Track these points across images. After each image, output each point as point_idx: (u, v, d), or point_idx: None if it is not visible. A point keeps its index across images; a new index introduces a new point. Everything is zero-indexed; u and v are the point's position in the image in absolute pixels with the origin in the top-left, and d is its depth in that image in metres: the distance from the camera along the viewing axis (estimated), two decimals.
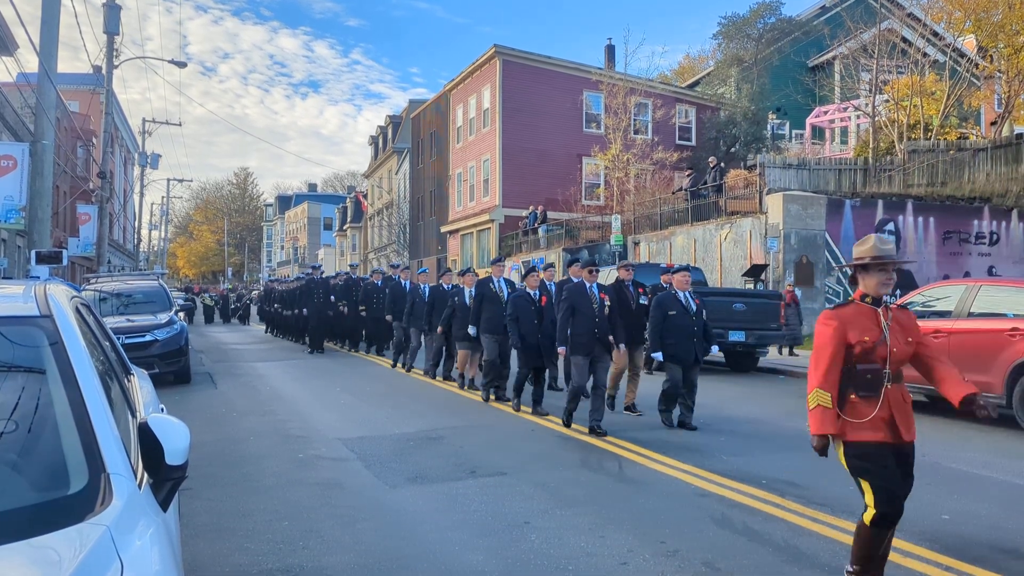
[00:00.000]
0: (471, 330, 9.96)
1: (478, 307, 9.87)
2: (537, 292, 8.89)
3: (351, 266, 19.65)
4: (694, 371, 8.11)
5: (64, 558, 1.68)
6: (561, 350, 7.82)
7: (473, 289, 10.46)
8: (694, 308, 8.13)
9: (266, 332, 25.20)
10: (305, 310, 17.73)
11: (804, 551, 4.39)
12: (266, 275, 78.43)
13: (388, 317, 14.04)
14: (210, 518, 5.01)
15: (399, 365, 13.66)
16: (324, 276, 18.89)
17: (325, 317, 17.27)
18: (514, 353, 9.51)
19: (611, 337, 7.82)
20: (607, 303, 7.86)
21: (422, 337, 12.64)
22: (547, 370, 9.29)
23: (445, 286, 11.65)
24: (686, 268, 8.29)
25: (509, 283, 10.07)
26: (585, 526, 4.81)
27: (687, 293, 8.22)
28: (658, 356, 8.04)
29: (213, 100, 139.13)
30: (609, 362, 7.91)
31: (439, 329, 11.30)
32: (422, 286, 12.63)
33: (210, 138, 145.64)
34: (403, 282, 13.86)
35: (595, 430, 7.55)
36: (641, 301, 9.23)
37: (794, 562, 4.22)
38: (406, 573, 4.10)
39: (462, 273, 11.07)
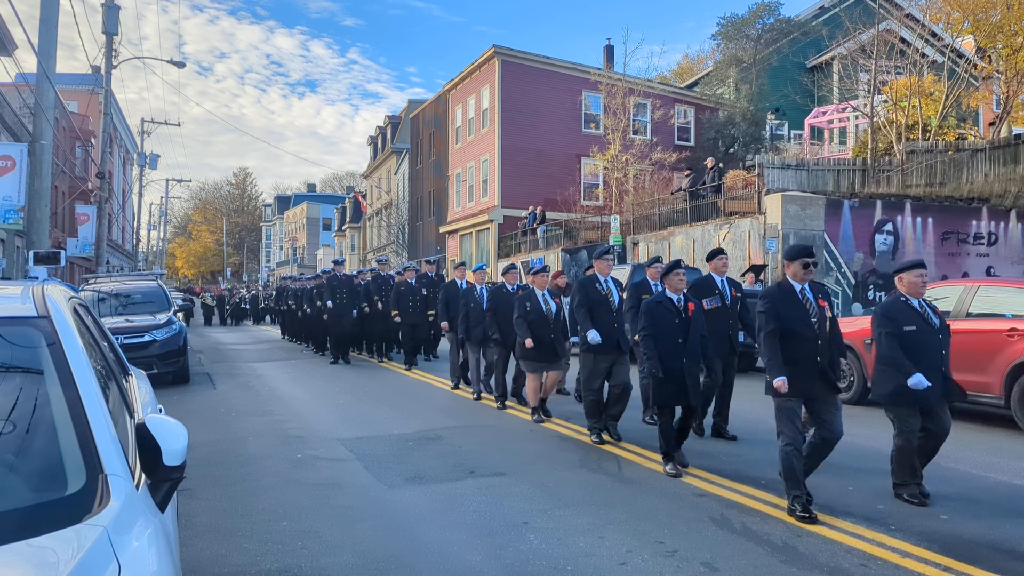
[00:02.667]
0: (591, 336, 7.40)
1: (586, 314, 7.39)
2: (681, 297, 6.34)
3: (379, 261, 16.49)
4: (944, 413, 5.41)
5: (61, 559, 1.68)
6: (779, 383, 5.00)
7: (545, 292, 8.56)
8: (937, 322, 5.47)
9: (282, 338, 22.84)
10: (325, 312, 15.23)
11: (802, 551, 4.39)
12: (264, 276, 78.39)
13: (444, 324, 11.61)
14: (208, 518, 5.01)
15: (461, 386, 11.20)
16: (347, 273, 16.13)
17: (349, 320, 14.99)
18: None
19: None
20: (829, 315, 5.27)
21: (481, 351, 10.32)
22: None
23: (509, 287, 9.60)
24: (920, 263, 5.64)
25: (617, 283, 7.79)
26: (584, 526, 4.81)
27: (923, 300, 5.56)
28: (919, 381, 5.18)
29: (210, 100, 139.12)
30: (840, 402, 5.30)
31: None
32: (478, 287, 10.50)
33: (207, 138, 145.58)
34: (459, 281, 11.40)
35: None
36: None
37: (792, 562, 4.22)
38: (405, 573, 4.10)
39: (535, 272, 8.77)
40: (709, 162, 21.67)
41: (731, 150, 29.45)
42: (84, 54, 75.81)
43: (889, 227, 18.66)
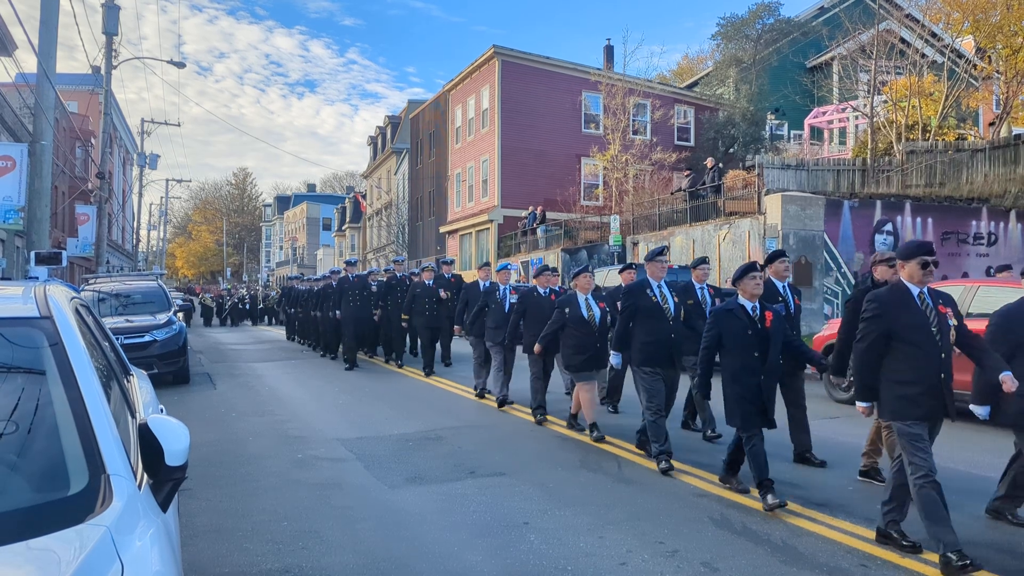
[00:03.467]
0: (614, 359, 6.86)
1: (626, 326, 6.53)
2: (757, 305, 5.41)
3: (396, 261, 15.20)
4: None
5: (64, 559, 1.68)
6: (862, 408, 4.59)
7: (588, 296, 7.66)
8: None
9: (288, 339, 21.89)
10: (337, 314, 14.41)
11: (802, 551, 4.40)
12: (264, 275, 78.41)
13: (457, 328, 11.16)
14: (209, 518, 5.02)
15: (486, 395, 10.14)
16: (360, 274, 14.92)
17: (362, 324, 14.10)
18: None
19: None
20: (952, 322, 4.50)
21: (504, 356, 9.51)
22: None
23: (541, 290, 8.67)
24: None
25: (672, 289, 6.78)
26: (584, 526, 4.82)
27: None
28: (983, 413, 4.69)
29: (209, 100, 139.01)
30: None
31: (536, 348, 8.00)
32: (501, 287, 9.73)
33: (206, 137, 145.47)
34: (481, 283, 10.57)
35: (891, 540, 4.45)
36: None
37: (792, 562, 4.22)
38: (405, 573, 4.10)
39: (577, 274, 7.86)
40: (709, 162, 21.69)
41: (731, 150, 29.46)
42: (84, 54, 76.19)
43: (889, 227, 18.67)
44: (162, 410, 3.59)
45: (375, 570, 4.13)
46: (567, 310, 7.58)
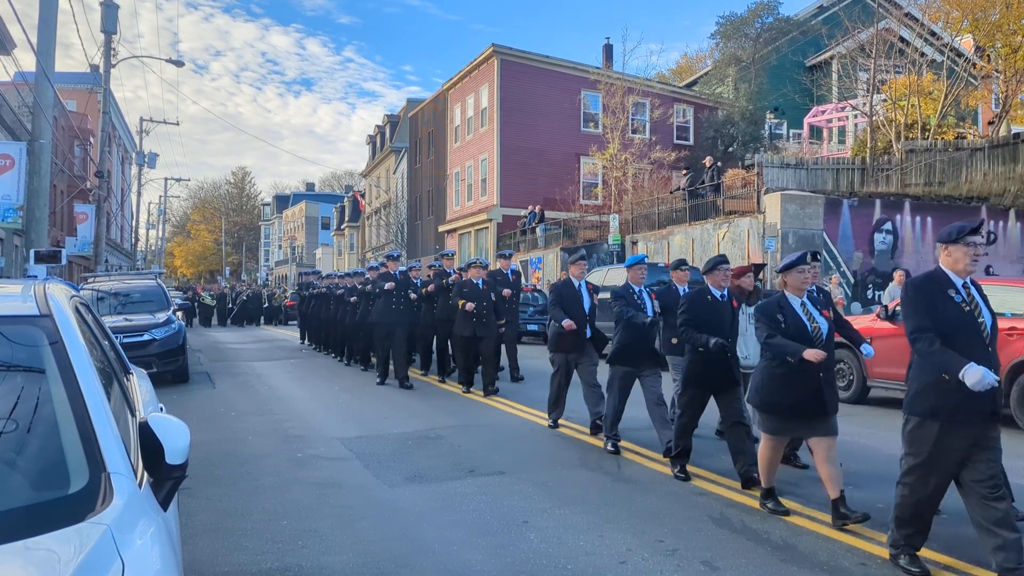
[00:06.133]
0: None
1: (939, 352, 3.87)
2: None
3: (444, 255, 12.92)
4: None
5: (65, 558, 1.68)
6: None
7: (806, 299, 4.97)
8: None
9: (302, 343, 19.91)
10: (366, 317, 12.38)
11: (802, 550, 4.40)
12: (263, 275, 78.37)
13: (568, 322, 7.67)
14: (209, 517, 5.01)
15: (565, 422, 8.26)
16: (404, 270, 12.25)
17: (405, 329, 11.66)
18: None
19: None
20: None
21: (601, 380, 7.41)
22: None
23: (716, 292, 5.95)
24: None
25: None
26: (584, 525, 4.82)
27: None
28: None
29: (206, 98, 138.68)
30: None
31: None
32: (635, 288, 7.02)
33: (204, 136, 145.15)
34: (576, 281, 7.99)
35: None
36: None
37: (792, 561, 4.23)
38: (405, 572, 4.10)
39: (786, 267, 5.01)
40: (707, 161, 21.69)
41: (730, 149, 29.47)
42: (81, 52, 76.12)
43: (888, 226, 18.68)
44: (162, 409, 3.59)
45: (375, 569, 4.13)
46: (781, 318, 4.85)
